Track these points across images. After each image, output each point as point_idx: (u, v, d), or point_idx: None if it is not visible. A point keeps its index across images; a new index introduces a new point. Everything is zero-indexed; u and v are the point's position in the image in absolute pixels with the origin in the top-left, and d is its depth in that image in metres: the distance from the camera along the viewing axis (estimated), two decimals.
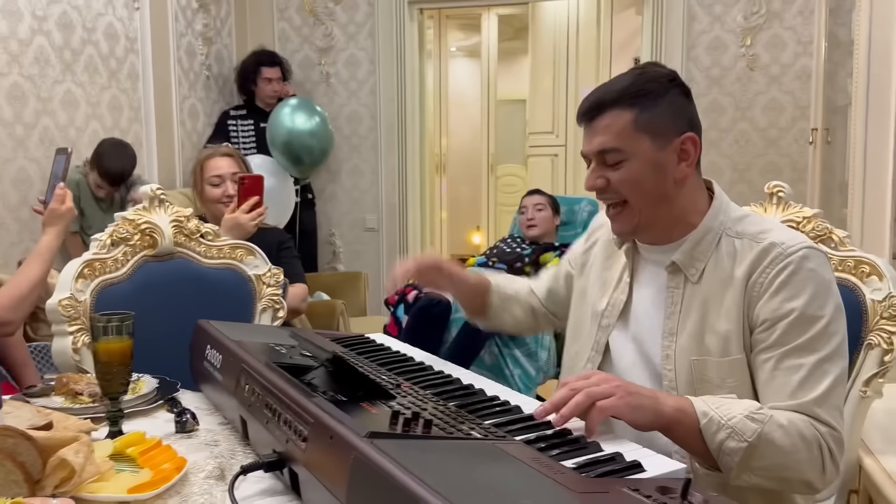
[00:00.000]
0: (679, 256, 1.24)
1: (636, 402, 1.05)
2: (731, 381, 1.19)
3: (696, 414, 1.09)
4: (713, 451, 1.09)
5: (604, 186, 1.23)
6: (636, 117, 1.19)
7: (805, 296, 1.15)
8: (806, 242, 1.20)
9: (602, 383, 1.06)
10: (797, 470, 1.11)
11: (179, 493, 1.03)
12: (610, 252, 1.39)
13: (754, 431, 1.07)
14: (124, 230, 1.76)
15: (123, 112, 3.49)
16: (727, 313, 1.19)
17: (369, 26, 4.47)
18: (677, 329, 1.23)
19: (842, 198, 2.77)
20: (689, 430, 1.08)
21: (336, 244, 4.61)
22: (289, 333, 1.50)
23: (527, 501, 0.74)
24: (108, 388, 1.22)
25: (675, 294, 1.25)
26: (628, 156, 1.20)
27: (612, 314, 1.33)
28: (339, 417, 0.92)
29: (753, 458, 1.08)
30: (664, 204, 1.23)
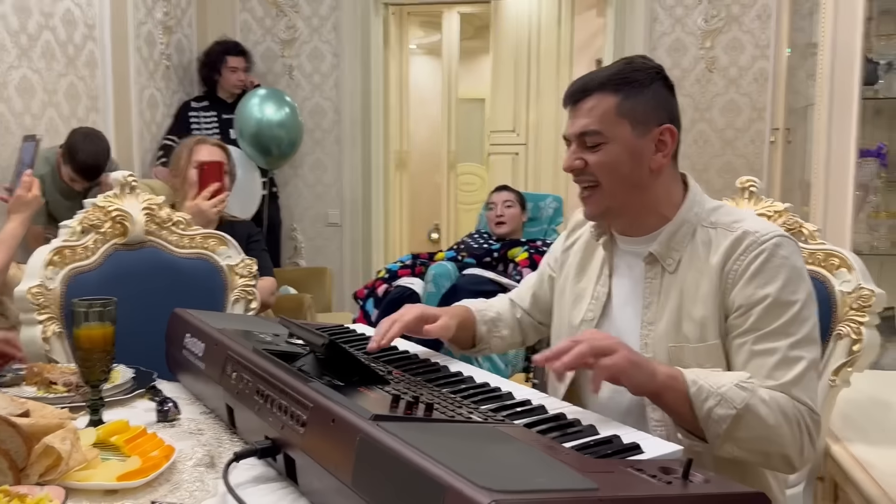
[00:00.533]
0: (656, 247, 1.27)
1: (636, 359, 1.09)
2: (708, 365, 1.22)
3: (686, 381, 1.11)
4: (701, 419, 1.10)
5: (581, 167, 1.25)
6: (620, 102, 1.22)
7: (778, 282, 1.19)
8: (778, 231, 1.24)
9: (605, 339, 1.09)
10: (779, 444, 1.13)
11: (169, 480, 1.01)
12: (588, 252, 1.41)
13: (743, 399, 1.10)
14: (95, 217, 1.71)
15: (81, 100, 3.38)
16: (703, 300, 1.22)
17: (333, 20, 4.42)
18: (655, 318, 1.26)
19: (801, 195, 2.85)
20: (678, 396, 1.11)
21: (298, 239, 4.56)
22: (273, 322, 1.47)
23: (541, 479, 0.74)
24: (88, 376, 1.18)
25: (652, 284, 1.27)
26: (608, 139, 1.23)
27: (595, 308, 1.35)
28: (340, 401, 0.92)
29: (739, 429, 1.10)
30: (637, 191, 1.26)
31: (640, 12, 4.08)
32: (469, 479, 0.69)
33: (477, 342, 1.51)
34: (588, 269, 1.39)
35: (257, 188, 3.68)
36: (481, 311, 1.52)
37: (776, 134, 3.59)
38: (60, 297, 1.61)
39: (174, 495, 0.96)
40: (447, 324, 1.38)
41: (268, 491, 0.98)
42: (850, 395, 1.85)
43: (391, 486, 0.76)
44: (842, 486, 1.56)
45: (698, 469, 0.83)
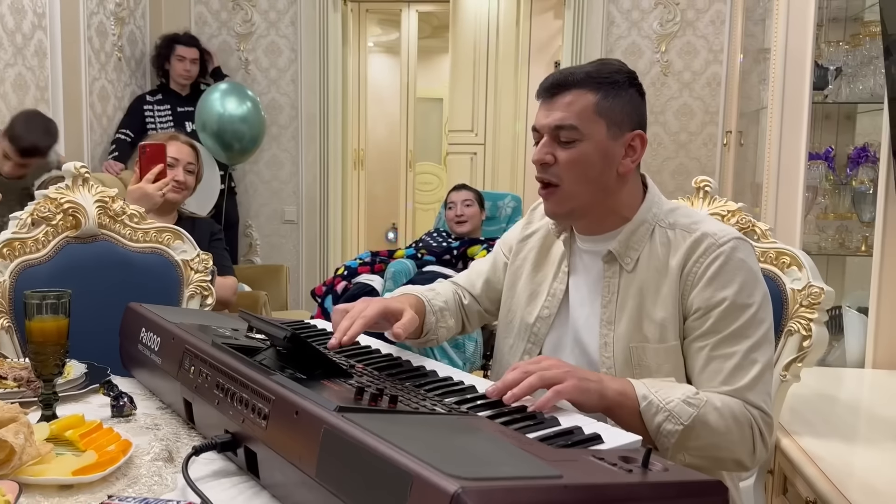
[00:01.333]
0: (615, 246, 1.28)
1: (584, 387, 1.09)
2: (668, 366, 1.24)
3: (636, 397, 1.13)
4: (651, 433, 1.13)
5: (551, 162, 1.24)
6: (599, 101, 1.22)
7: (735, 285, 1.21)
8: (735, 234, 1.26)
9: (553, 368, 1.09)
10: (729, 450, 1.17)
11: (127, 475, 0.98)
12: (545, 247, 1.41)
13: (690, 415, 1.13)
14: (46, 209, 1.66)
15: (29, 91, 3.28)
16: (663, 302, 1.24)
17: (291, 14, 4.38)
18: (615, 317, 1.27)
19: (752, 197, 2.93)
20: (630, 412, 1.13)
21: (253, 236, 4.50)
22: (233, 316, 1.45)
23: (507, 467, 0.74)
24: (41, 370, 1.15)
25: (611, 283, 1.29)
26: (583, 136, 1.22)
27: (552, 305, 1.35)
28: (303, 394, 0.91)
29: (689, 440, 1.13)
30: (601, 194, 1.26)
31: (597, 16, 4.13)
32: (436, 467, 0.69)
33: (424, 332, 1.43)
34: (545, 265, 1.39)
35: (216, 184, 3.62)
36: (430, 301, 1.45)
37: (728, 137, 3.68)
38: (10, 290, 1.56)
39: (132, 490, 0.94)
40: (413, 318, 1.32)
41: (228, 485, 0.97)
42: (799, 391, 1.91)
43: (357, 477, 0.76)
44: (791, 479, 1.61)
45: (657, 458, 0.85)
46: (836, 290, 2.68)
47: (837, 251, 2.59)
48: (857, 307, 2.34)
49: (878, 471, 1.53)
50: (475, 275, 1.54)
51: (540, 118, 1.26)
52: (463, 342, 2.79)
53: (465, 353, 2.77)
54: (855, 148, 2.55)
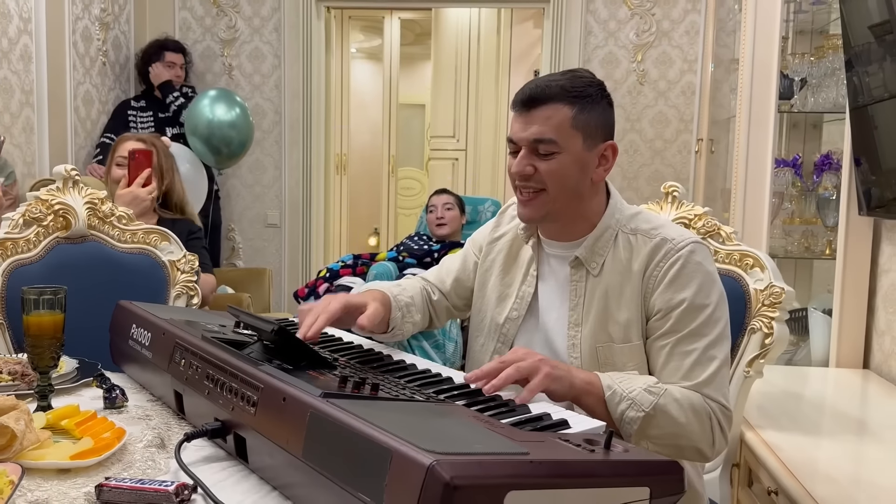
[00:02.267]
0: (581, 252, 1.35)
1: (556, 375, 1.16)
2: (632, 364, 1.32)
3: (602, 387, 1.21)
4: (615, 420, 1.21)
5: (531, 174, 1.29)
6: (575, 115, 1.27)
7: (693, 287, 1.29)
8: (692, 238, 1.34)
9: (527, 358, 1.16)
10: (689, 439, 1.24)
11: (121, 460, 1.04)
12: (513, 249, 1.47)
13: (651, 403, 1.20)
14: (37, 210, 1.71)
15: (14, 94, 3.31)
16: (627, 304, 1.32)
17: (275, 20, 4.43)
18: (582, 319, 1.34)
19: (723, 202, 3.02)
20: (596, 400, 1.21)
21: (236, 240, 4.54)
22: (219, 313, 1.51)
23: (478, 445, 0.81)
24: (38, 362, 1.20)
25: (578, 287, 1.36)
26: (561, 149, 1.27)
27: (520, 307, 1.42)
28: (290, 382, 0.97)
29: (650, 427, 1.21)
30: (576, 200, 1.33)
31: (574, 25, 4.23)
32: (413, 443, 0.75)
33: (390, 327, 1.45)
34: (513, 268, 1.45)
35: (203, 187, 3.66)
36: (396, 297, 1.47)
37: (700, 144, 3.78)
38: (2, 288, 1.61)
39: (127, 473, 1.00)
40: (378, 311, 1.35)
41: (218, 469, 1.03)
42: (766, 389, 2.00)
43: (340, 456, 0.82)
44: (755, 472, 1.69)
45: (619, 441, 0.92)
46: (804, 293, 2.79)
47: (803, 255, 2.69)
48: (823, 309, 2.44)
49: (838, 463, 1.62)
50: (445, 272, 1.58)
51: (517, 130, 1.30)
52: (443, 343, 2.85)
53: (445, 353, 2.83)
54: (820, 156, 2.65)
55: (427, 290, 1.56)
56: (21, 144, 3.37)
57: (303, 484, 0.89)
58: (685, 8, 4.19)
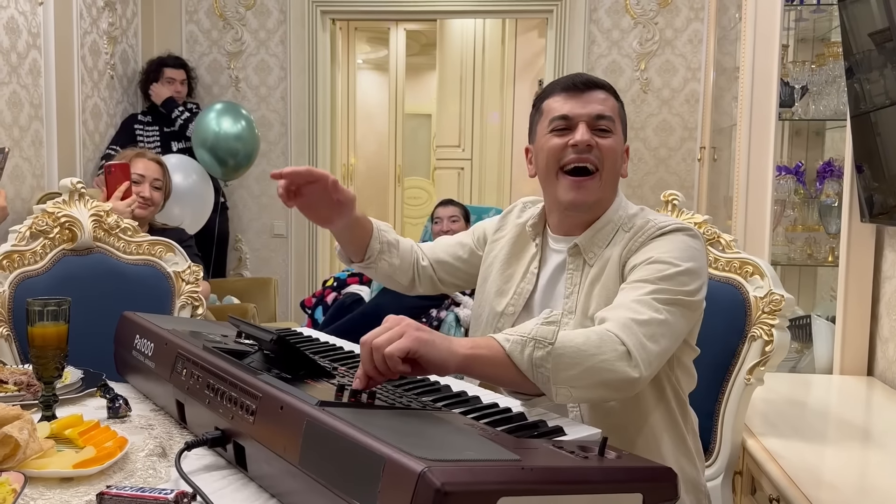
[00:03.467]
0: (581, 240, 1.36)
1: (426, 338, 1.02)
2: None
3: (498, 343, 1.09)
4: (525, 370, 1.07)
5: (594, 146, 1.32)
6: (619, 107, 1.38)
7: (663, 249, 1.27)
8: (682, 224, 1.33)
9: (392, 327, 1.03)
10: (608, 369, 1.10)
11: (123, 469, 1.06)
12: (516, 247, 1.48)
13: (554, 332, 1.08)
14: (43, 222, 1.73)
15: (24, 108, 3.36)
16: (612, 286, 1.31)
17: (281, 33, 4.48)
18: (575, 308, 1.35)
19: (726, 210, 3.03)
20: (494, 360, 1.08)
21: (242, 250, 4.57)
22: (221, 323, 1.53)
23: (470, 452, 0.82)
24: (42, 372, 1.22)
25: (574, 275, 1.37)
26: (615, 130, 1.35)
27: (517, 303, 1.42)
28: (287, 391, 0.98)
29: (562, 367, 1.08)
30: (613, 190, 1.38)
31: (578, 35, 4.25)
32: (406, 451, 0.76)
33: (366, 256, 1.47)
34: (515, 265, 1.46)
35: (210, 199, 3.70)
36: (381, 231, 1.49)
37: (703, 152, 3.79)
38: (9, 300, 1.63)
39: (128, 482, 1.01)
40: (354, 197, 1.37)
41: (218, 477, 1.04)
42: (768, 396, 2.00)
43: (336, 463, 0.83)
44: (757, 479, 1.69)
45: (613, 448, 0.93)
46: (807, 300, 2.79)
47: (806, 262, 2.69)
48: (826, 316, 2.44)
49: (841, 470, 1.62)
50: (440, 247, 1.57)
51: (573, 108, 1.34)
52: None
53: None
54: (822, 163, 2.65)
55: (417, 253, 1.56)
56: (30, 157, 3.41)
57: (300, 491, 0.90)
58: (688, 17, 4.20)
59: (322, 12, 4.45)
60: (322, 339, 1.61)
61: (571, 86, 1.35)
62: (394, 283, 1.56)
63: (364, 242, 1.47)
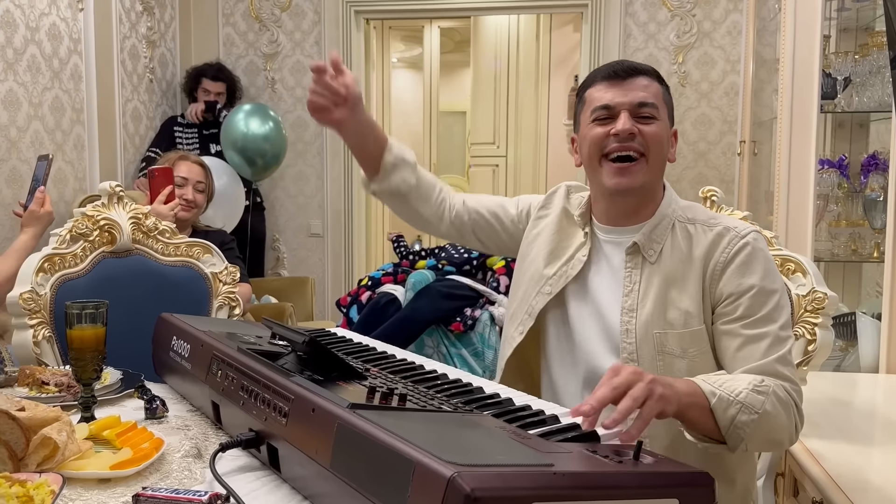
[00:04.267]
0: (640, 238, 1.37)
1: (666, 395, 1.08)
2: (693, 350, 1.32)
3: (704, 395, 1.17)
4: (723, 427, 1.17)
5: (636, 133, 1.33)
6: (663, 91, 1.37)
7: (760, 272, 1.31)
8: (751, 227, 1.37)
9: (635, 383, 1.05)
10: (780, 431, 1.23)
11: (159, 470, 1.07)
12: (561, 227, 1.48)
13: (762, 403, 1.18)
14: (83, 226, 1.77)
15: (66, 113, 3.43)
16: (689, 290, 1.33)
17: (315, 34, 4.50)
18: (637, 305, 1.35)
19: (767, 206, 2.96)
20: (700, 410, 1.16)
21: (280, 249, 4.61)
22: (257, 324, 1.54)
23: (501, 456, 0.81)
24: (81, 374, 1.24)
25: (633, 273, 1.37)
26: (659, 116, 1.34)
27: (555, 283, 1.42)
28: (319, 393, 0.99)
29: (758, 433, 1.18)
30: (661, 174, 1.38)
31: (614, 28, 4.20)
32: (435, 455, 0.76)
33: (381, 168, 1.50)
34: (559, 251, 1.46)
35: (241, 199, 3.75)
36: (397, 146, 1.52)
37: (742, 146, 3.71)
38: (50, 302, 1.67)
39: (164, 483, 1.03)
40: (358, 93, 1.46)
41: (252, 478, 1.05)
42: (811, 396, 1.94)
43: (366, 466, 0.83)
44: (800, 481, 1.65)
45: (648, 452, 0.91)
46: (852, 297, 2.72)
47: (850, 258, 2.61)
48: (872, 313, 2.37)
49: (886, 473, 1.57)
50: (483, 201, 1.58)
51: (615, 96, 1.34)
52: (482, 350, 2.85)
53: (483, 360, 2.84)
54: (866, 156, 2.58)
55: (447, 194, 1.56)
56: (73, 161, 3.49)
57: (332, 494, 0.90)
58: (726, 8, 4.12)
59: (356, 12, 4.46)
60: (355, 339, 1.61)
61: (613, 73, 1.36)
62: (413, 211, 1.55)
63: (378, 153, 1.50)
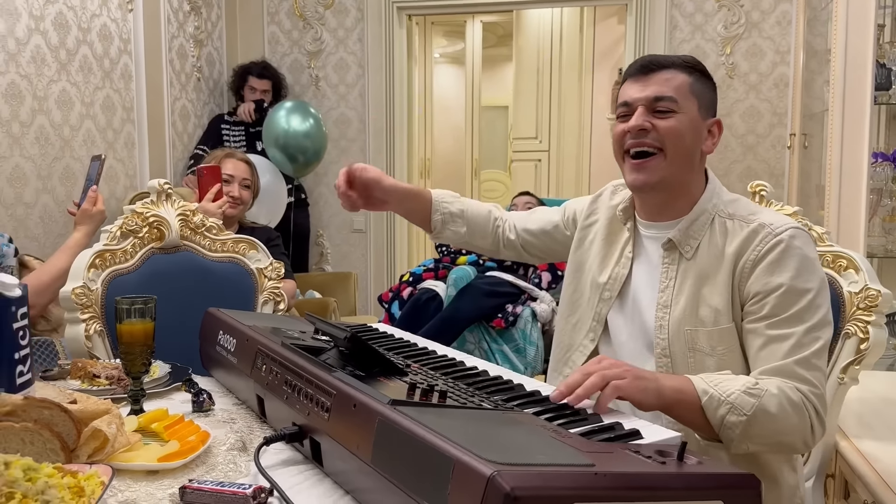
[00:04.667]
0: (675, 234, 1.35)
1: (643, 386, 1.14)
2: (721, 348, 1.30)
3: (696, 392, 1.18)
4: (715, 426, 1.18)
5: (648, 129, 1.32)
6: (692, 83, 1.33)
7: (791, 270, 1.27)
8: (792, 223, 1.32)
9: (613, 367, 1.15)
10: (790, 434, 1.22)
11: (205, 462, 1.09)
12: (610, 230, 1.48)
13: (752, 406, 1.17)
14: (133, 222, 1.81)
15: (116, 112, 3.52)
16: (720, 288, 1.31)
17: (359, 31, 4.53)
18: (671, 301, 1.34)
19: (818, 200, 2.88)
20: (689, 407, 1.18)
21: (324, 245, 4.66)
22: (300, 320, 1.56)
23: (542, 455, 0.81)
24: (130, 368, 1.27)
25: (669, 269, 1.36)
26: (679, 109, 1.32)
27: (613, 287, 1.43)
28: (360, 389, 0.99)
29: (752, 429, 1.18)
30: (687, 168, 1.35)
31: (659, 20, 4.13)
32: (475, 453, 0.76)
33: (432, 228, 1.62)
34: (610, 251, 1.47)
35: (283, 196, 3.80)
36: (441, 202, 1.61)
37: (792, 139, 3.62)
38: (101, 297, 1.71)
39: (210, 476, 1.05)
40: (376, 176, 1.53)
41: (295, 472, 1.06)
42: (863, 396, 1.89)
43: (406, 463, 0.83)
44: (851, 483, 1.60)
45: (692, 452, 0.90)
46: None
47: None
48: None
49: None
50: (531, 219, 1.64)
51: (633, 92, 1.34)
52: (524, 347, 2.84)
53: (525, 357, 2.83)
54: None
55: (498, 220, 1.64)
56: (123, 159, 3.58)
57: (372, 489, 0.91)
58: None
59: (399, 8, 4.48)
60: (396, 335, 1.62)
61: (637, 70, 1.36)
62: (474, 247, 1.67)
63: (426, 216, 1.61)
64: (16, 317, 1.09)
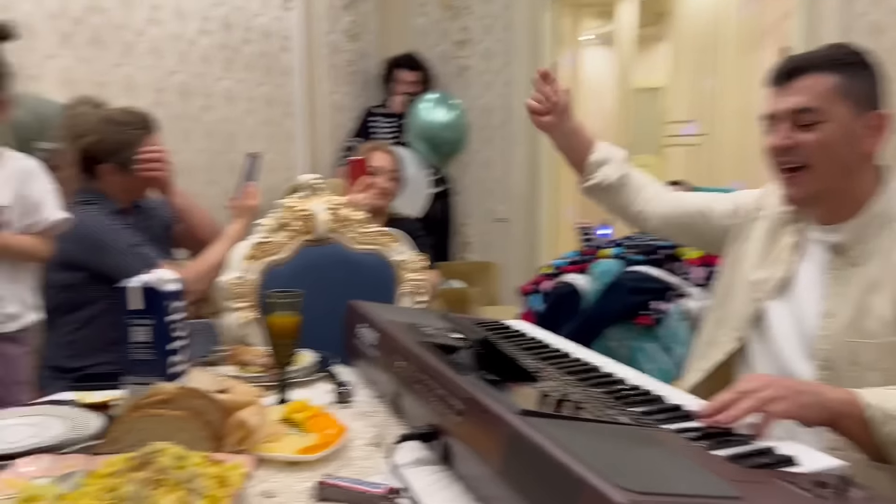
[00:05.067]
0: (844, 238, 1.25)
1: (805, 401, 1.05)
2: (888, 364, 1.18)
3: (861, 405, 1.07)
4: (879, 443, 1.07)
5: (790, 147, 1.23)
6: (839, 83, 1.21)
7: None
8: None
9: (767, 388, 1.04)
10: None
11: (342, 457, 1.12)
12: (775, 228, 1.39)
13: None
14: (286, 216, 1.90)
15: (277, 107, 3.71)
16: (890, 297, 1.19)
17: (505, 18, 4.50)
18: (836, 310, 1.23)
19: None
20: (854, 422, 1.07)
21: (467, 234, 4.69)
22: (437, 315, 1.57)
23: (682, 483, 0.76)
24: (277, 358, 1.33)
25: (835, 275, 1.25)
26: (825, 118, 1.21)
27: (765, 287, 1.34)
28: (492, 395, 0.97)
29: None
30: (846, 176, 1.23)
31: None
32: (607, 477, 0.72)
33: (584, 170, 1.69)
34: (771, 253, 1.38)
35: (425, 186, 3.87)
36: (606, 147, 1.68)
37: None
38: (257, 287, 1.80)
39: (345, 470, 1.07)
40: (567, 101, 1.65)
41: (427, 472, 1.06)
42: None
43: (535, 478, 0.81)
44: None
45: (859, 486, 0.81)
46: None
47: None
48: None
49: None
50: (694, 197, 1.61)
51: (773, 104, 1.26)
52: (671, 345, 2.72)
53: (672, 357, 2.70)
54: None
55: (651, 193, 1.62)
56: (283, 152, 3.77)
57: (500, 499, 0.89)
58: None
59: None
60: (532, 333, 1.59)
61: (776, 77, 1.26)
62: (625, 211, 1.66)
63: (582, 156, 1.68)
64: (169, 310, 1.16)
